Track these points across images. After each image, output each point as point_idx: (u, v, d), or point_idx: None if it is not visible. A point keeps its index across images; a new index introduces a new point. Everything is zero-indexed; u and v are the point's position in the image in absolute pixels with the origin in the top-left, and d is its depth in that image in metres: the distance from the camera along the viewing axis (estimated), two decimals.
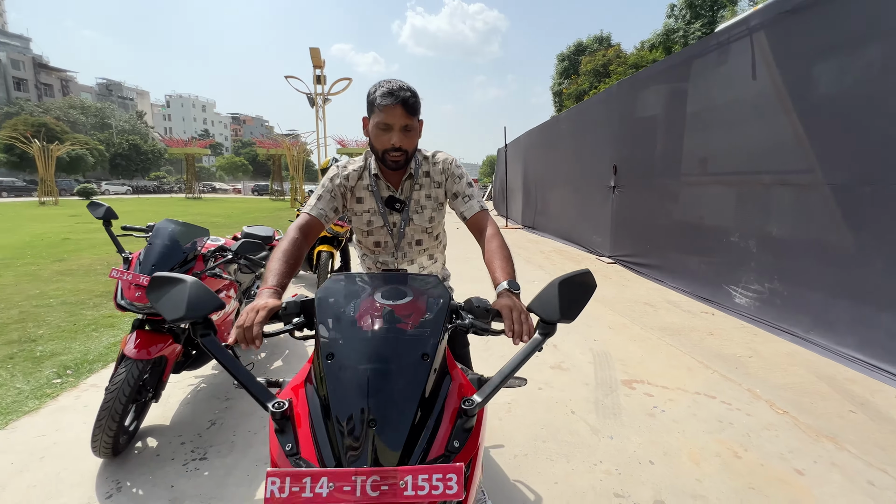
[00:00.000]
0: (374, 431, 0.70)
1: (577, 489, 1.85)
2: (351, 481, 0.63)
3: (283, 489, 0.62)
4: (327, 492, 0.62)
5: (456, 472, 0.66)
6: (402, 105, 1.30)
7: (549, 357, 3.25)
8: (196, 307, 0.84)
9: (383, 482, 0.64)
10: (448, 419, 0.80)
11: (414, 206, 1.52)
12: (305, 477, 0.63)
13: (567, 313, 0.86)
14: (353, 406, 0.73)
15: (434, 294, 0.98)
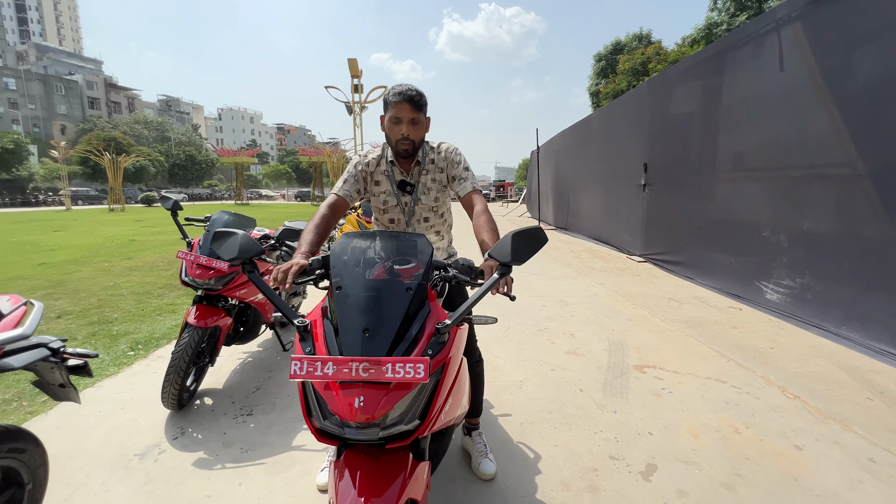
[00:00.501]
0: (366, 336, 0.95)
1: (575, 451, 2.01)
2: (348, 366, 0.88)
3: (302, 369, 0.87)
4: (332, 372, 0.87)
5: (423, 363, 0.90)
6: (409, 102, 1.58)
7: (564, 343, 3.39)
8: (245, 250, 1.13)
9: (371, 367, 0.88)
10: (426, 336, 1.03)
11: (422, 189, 1.78)
12: (317, 361, 0.88)
13: (517, 258, 1.08)
14: (353, 321, 0.98)
15: (421, 247, 1.21)
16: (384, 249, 1.17)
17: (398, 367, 0.88)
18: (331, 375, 0.87)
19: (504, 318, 4.02)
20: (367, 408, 0.89)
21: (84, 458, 1.97)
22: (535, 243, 1.12)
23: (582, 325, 3.86)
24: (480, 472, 1.81)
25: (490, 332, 3.67)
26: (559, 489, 1.76)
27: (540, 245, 1.12)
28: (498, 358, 3.11)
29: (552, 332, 3.66)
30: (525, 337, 3.56)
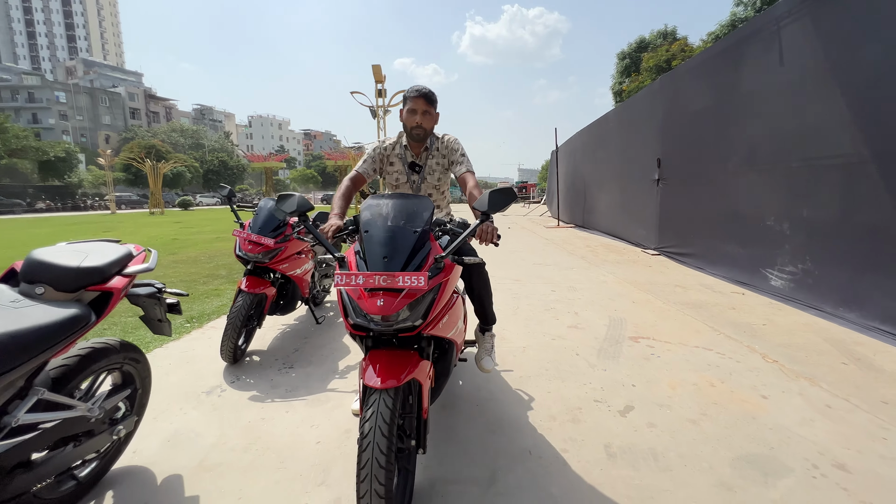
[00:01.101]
0: (385, 261, 1.34)
1: (564, 396, 2.35)
2: (373, 278, 1.28)
3: (342, 280, 1.28)
4: (361, 281, 1.27)
5: (423, 276, 1.29)
6: (423, 97, 2.03)
7: (568, 320, 3.71)
8: (300, 206, 1.55)
9: (388, 278, 1.28)
10: (427, 264, 1.42)
11: (428, 170, 2.19)
12: (352, 275, 1.29)
13: (493, 208, 1.48)
14: (376, 252, 1.38)
15: (424, 204, 1.60)
16: (397, 206, 1.55)
17: (406, 279, 1.28)
18: (361, 284, 1.28)
19: (515, 301, 4.36)
20: (385, 307, 1.29)
21: (163, 394, 2.44)
22: (507, 198, 1.51)
23: (587, 305, 4.16)
24: (480, 365, 2.24)
25: (501, 309, 4.01)
26: (547, 420, 2.11)
27: (510, 199, 1.51)
28: (506, 330, 3.46)
29: (558, 311, 3.98)
30: (533, 314, 3.89)
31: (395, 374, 1.32)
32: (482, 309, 2.25)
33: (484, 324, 2.35)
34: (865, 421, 2.05)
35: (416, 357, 1.43)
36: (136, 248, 1.66)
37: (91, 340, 1.54)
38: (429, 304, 1.38)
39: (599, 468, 1.74)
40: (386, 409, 1.25)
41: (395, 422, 1.25)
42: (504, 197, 1.51)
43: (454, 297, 1.66)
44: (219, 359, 2.83)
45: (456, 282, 1.63)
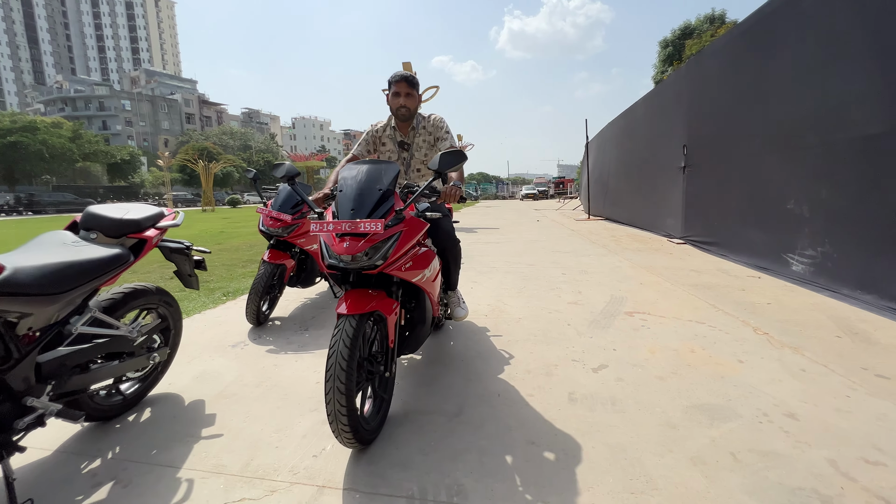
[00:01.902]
0: (352, 212, 1.61)
1: (544, 356, 2.54)
2: (341, 224, 1.55)
3: (316, 226, 1.57)
4: (331, 227, 1.55)
5: (380, 223, 1.55)
6: (405, 81, 2.28)
7: (570, 297, 3.85)
8: (288, 172, 1.87)
9: (352, 225, 1.55)
10: (390, 215, 1.67)
11: (416, 147, 2.43)
12: (324, 223, 1.57)
13: (444, 167, 1.71)
14: (345, 205, 1.64)
15: (390, 169, 1.84)
16: (366, 170, 1.81)
17: (366, 225, 1.55)
18: (331, 230, 1.56)
19: (524, 282, 4.53)
20: (350, 248, 1.56)
21: (197, 346, 2.85)
22: (457, 158, 1.74)
23: (593, 286, 4.26)
24: (454, 316, 2.49)
25: (507, 288, 4.22)
26: (522, 373, 2.31)
27: (460, 160, 1.74)
28: (507, 305, 3.65)
29: (562, 290, 4.12)
30: (536, 293, 4.05)
31: (361, 306, 1.59)
32: (446, 274, 2.45)
33: (446, 287, 2.55)
34: (836, 383, 2.09)
35: (383, 295, 1.69)
36: (167, 210, 2.02)
37: (133, 283, 1.92)
38: (388, 248, 1.64)
39: (558, 409, 1.93)
40: (349, 328, 1.52)
41: (357, 340, 1.52)
42: (454, 157, 1.74)
43: (420, 250, 1.91)
44: (246, 322, 3.22)
45: (419, 236, 1.88)
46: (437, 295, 2.16)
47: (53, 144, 35.63)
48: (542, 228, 10.71)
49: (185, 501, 1.41)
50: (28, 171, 35.17)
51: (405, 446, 1.67)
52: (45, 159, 35.39)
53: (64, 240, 1.61)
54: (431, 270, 1.97)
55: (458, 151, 1.76)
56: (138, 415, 1.98)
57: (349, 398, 1.46)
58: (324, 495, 1.42)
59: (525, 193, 41.05)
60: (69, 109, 63.50)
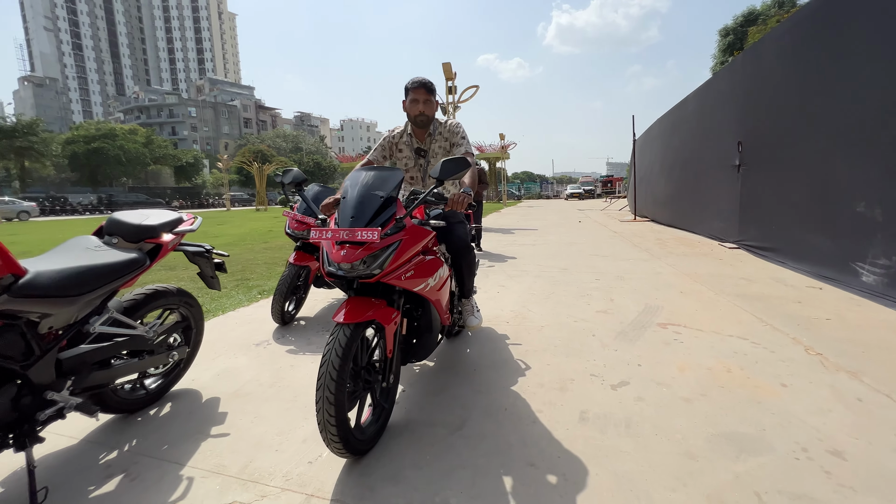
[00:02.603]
0: (352, 220, 1.59)
1: (562, 369, 2.41)
2: (339, 232, 1.54)
3: (316, 233, 1.56)
4: (330, 235, 1.54)
5: (376, 231, 1.51)
6: (423, 87, 2.24)
7: (600, 305, 3.65)
8: (295, 178, 1.89)
9: (349, 233, 1.53)
10: (390, 223, 1.64)
11: (432, 154, 2.39)
12: (323, 230, 1.56)
13: (445, 175, 1.66)
14: (346, 213, 1.63)
15: (393, 176, 1.80)
16: (369, 177, 1.79)
17: (363, 233, 1.52)
18: (330, 237, 1.55)
19: (552, 287, 4.37)
20: (346, 256, 1.54)
21: (224, 342, 2.98)
22: (458, 166, 1.67)
23: (627, 293, 4.03)
24: (468, 325, 2.41)
25: (534, 293, 4.08)
26: (535, 386, 2.21)
27: (462, 168, 1.68)
28: (532, 311, 3.53)
29: (593, 298, 3.92)
30: (564, 299, 3.89)
31: (358, 314, 1.58)
32: (459, 282, 2.41)
33: (460, 295, 2.48)
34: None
35: (383, 304, 1.67)
36: (187, 216, 2.12)
37: (155, 284, 2.03)
38: (386, 258, 1.61)
39: (566, 428, 1.82)
40: (343, 337, 1.51)
41: (351, 349, 1.50)
42: (455, 165, 1.68)
43: (425, 259, 1.87)
44: (273, 321, 3.34)
45: (422, 245, 1.83)
46: (445, 304, 2.11)
47: (129, 149, 39.18)
48: (583, 230, 10.33)
49: (182, 500, 1.46)
50: (108, 173, 38.91)
51: (399, 459, 1.64)
52: (122, 163, 39.00)
53: (88, 244, 1.72)
54: (437, 279, 1.93)
55: (461, 159, 1.71)
56: (159, 409, 2.09)
57: (339, 408, 1.45)
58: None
59: (570, 193, 39.86)
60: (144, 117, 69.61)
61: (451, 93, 14.29)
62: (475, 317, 2.45)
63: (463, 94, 14.24)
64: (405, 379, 2.35)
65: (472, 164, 2.19)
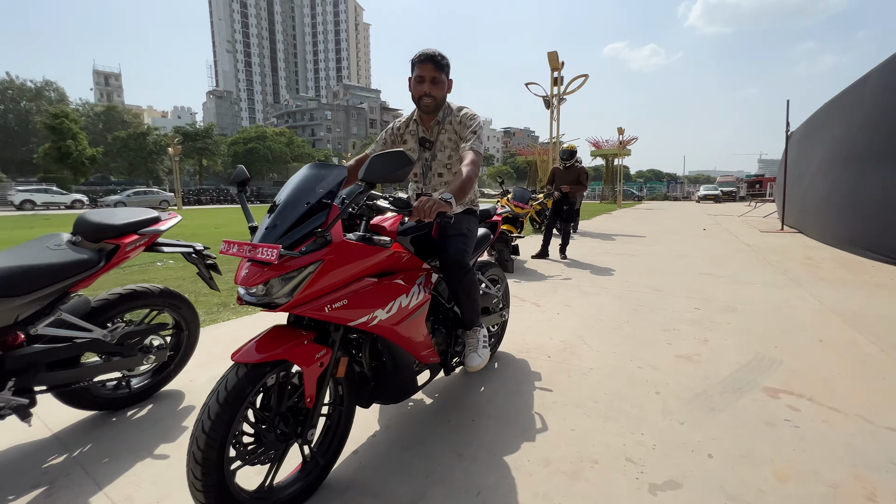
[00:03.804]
0: (267, 230, 1.25)
1: (588, 440, 1.76)
2: (243, 247, 1.21)
3: (224, 246, 1.26)
4: (235, 250, 1.22)
5: (275, 249, 1.15)
6: (430, 61, 1.78)
7: (684, 347, 2.77)
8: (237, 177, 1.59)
9: (252, 249, 1.19)
10: (310, 239, 1.25)
11: (439, 146, 1.93)
12: (231, 244, 1.24)
13: (370, 175, 1.27)
14: (266, 221, 1.30)
15: (333, 175, 1.39)
16: (303, 177, 1.41)
17: (264, 250, 1.17)
18: (234, 252, 1.23)
19: (629, 314, 3.53)
20: (247, 277, 1.21)
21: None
22: (391, 164, 1.23)
23: (732, 334, 3.02)
24: (466, 363, 1.92)
25: (600, 320, 3.33)
26: (537, 464, 1.62)
27: (397, 166, 1.25)
28: (586, 346, 2.82)
29: (679, 334, 3.02)
30: (639, 333, 3.06)
31: (264, 350, 1.24)
32: (459, 310, 1.94)
33: (463, 326, 2.01)
34: None
35: (301, 339, 1.30)
36: (170, 216, 2.02)
37: (135, 284, 1.97)
38: (299, 282, 1.23)
39: None
40: (234, 379, 1.19)
41: (242, 395, 1.18)
42: (388, 162, 1.22)
43: (373, 284, 1.44)
44: None
45: (366, 265, 1.41)
46: (419, 339, 1.66)
47: (275, 149, 45.66)
48: (704, 240, 8.62)
49: None
50: (258, 170, 45.88)
51: None
52: (269, 161, 45.63)
53: (51, 243, 1.70)
54: (395, 310, 1.49)
55: (397, 153, 1.27)
56: (140, 410, 2.04)
57: (207, 469, 1.14)
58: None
59: (703, 194, 34.48)
60: (291, 121, 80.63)
61: (556, 84, 13.23)
62: (478, 354, 1.92)
63: (569, 86, 13.08)
64: (388, 416, 1.96)
65: (474, 163, 1.71)
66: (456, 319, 2.02)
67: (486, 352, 1.94)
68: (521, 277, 4.99)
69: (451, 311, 1.98)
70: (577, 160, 8.47)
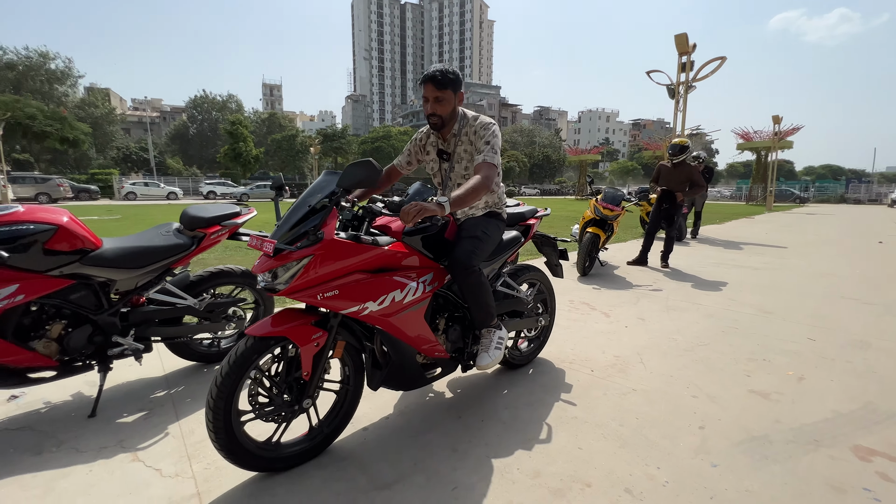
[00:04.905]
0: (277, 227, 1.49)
1: (590, 464, 1.65)
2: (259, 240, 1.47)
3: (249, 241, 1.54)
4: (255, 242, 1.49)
5: (271, 244, 1.39)
6: (431, 82, 1.83)
7: (764, 382, 2.35)
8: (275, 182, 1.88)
9: (261, 242, 1.44)
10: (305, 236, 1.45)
11: (456, 157, 1.98)
12: (252, 235, 1.52)
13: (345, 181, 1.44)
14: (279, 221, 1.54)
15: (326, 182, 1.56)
16: (318, 183, 1.60)
17: (265, 245, 1.43)
18: (253, 244, 1.51)
19: (713, 337, 3.10)
20: (257, 266, 1.47)
21: None
22: (358, 171, 1.36)
23: (844, 375, 2.45)
24: (476, 363, 1.95)
25: (672, 341, 2.99)
26: (526, 476, 1.59)
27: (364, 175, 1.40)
28: (640, 366, 2.57)
29: (767, 366, 2.56)
30: (715, 358, 2.68)
31: (271, 327, 1.49)
32: (469, 311, 1.96)
33: (475, 327, 2.03)
34: None
35: (305, 321, 1.53)
36: (249, 211, 2.46)
37: (221, 265, 2.45)
38: (293, 273, 1.43)
39: None
40: (242, 347, 1.45)
41: (247, 360, 1.44)
42: (357, 170, 1.34)
43: (366, 278, 1.58)
44: None
45: (356, 261, 1.55)
46: (418, 334, 1.76)
47: (398, 147, 49.24)
48: (871, 257, 6.88)
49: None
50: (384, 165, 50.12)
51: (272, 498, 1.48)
52: (392, 157, 49.44)
53: (164, 230, 2.23)
54: (388, 303, 1.62)
55: (366, 163, 1.40)
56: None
57: (216, 414, 1.42)
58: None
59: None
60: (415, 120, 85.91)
61: (684, 70, 11.65)
62: (488, 354, 1.94)
63: (700, 71, 11.36)
64: (406, 404, 2.11)
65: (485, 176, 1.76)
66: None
67: (497, 353, 1.95)
68: (603, 284, 4.67)
69: (467, 311, 2.04)
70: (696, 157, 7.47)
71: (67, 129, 28.70)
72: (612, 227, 5.40)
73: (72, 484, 1.53)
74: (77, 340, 1.92)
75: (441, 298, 1.98)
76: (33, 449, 1.73)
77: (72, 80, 39.95)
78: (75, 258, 1.86)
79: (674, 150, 5.56)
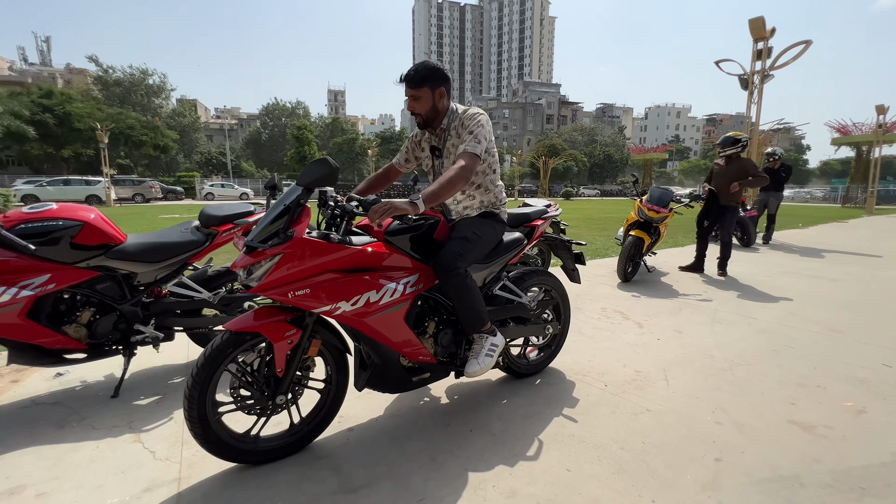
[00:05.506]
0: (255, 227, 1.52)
1: (578, 485, 1.51)
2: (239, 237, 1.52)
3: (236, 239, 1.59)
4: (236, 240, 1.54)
5: (243, 241, 1.41)
6: (406, 81, 1.82)
7: (812, 413, 2.02)
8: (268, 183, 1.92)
9: (239, 240, 1.49)
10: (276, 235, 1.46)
11: (447, 153, 1.92)
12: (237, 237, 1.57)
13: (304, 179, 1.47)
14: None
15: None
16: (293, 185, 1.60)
17: (241, 244, 1.45)
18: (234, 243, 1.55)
19: (760, 356, 2.74)
20: (235, 263, 1.51)
21: None
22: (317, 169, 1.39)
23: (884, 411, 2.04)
24: (465, 369, 1.88)
25: (709, 359, 2.69)
26: (501, 491, 1.49)
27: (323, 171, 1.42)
28: (663, 383, 2.33)
29: (821, 394, 2.20)
30: (756, 380, 2.36)
31: (246, 323, 1.52)
32: (458, 315, 1.86)
33: (464, 333, 1.94)
34: None
35: (281, 318, 1.55)
36: (262, 210, 2.55)
37: None
38: (264, 271, 1.45)
39: None
40: (218, 341, 1.50)
41: (222, 354, 1.49)
42: (316, 168, 1.35)
43: (339, 278, 1.56)
44: None
45: (328, 260, 1.53)
46: (399, 337, 1.71)
47: None
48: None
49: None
50: None
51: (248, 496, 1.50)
52: None
53: (183, 227, 2.38)
54: (361, 305, 1.59)
55: (323, 160, 1.37)
56: None
57: (190, 404, 1.46)
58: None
59: None
60: None
61: (760, 58, 10.44)
62: (477, 361, 1.84)
63: (780, 58, 10.11)
64: (397, 407, 2.07)
65: (462, 167, 1.68)
66: None
67: (488, 360, 1.85)
68: (645, 291, 4.33)
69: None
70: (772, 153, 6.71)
71: (159, 136, 32.18)
72: (659, 231, 4.99)
73: (79, 458, 1.67)
74: (103, 327, 2.11)
75: (431, 301, 1.92)
76: (59, 423, 1.91)
77: (165, 93, 44.70)
78: (100, 252, 2.04)
79: (724, 142, 5.02)
